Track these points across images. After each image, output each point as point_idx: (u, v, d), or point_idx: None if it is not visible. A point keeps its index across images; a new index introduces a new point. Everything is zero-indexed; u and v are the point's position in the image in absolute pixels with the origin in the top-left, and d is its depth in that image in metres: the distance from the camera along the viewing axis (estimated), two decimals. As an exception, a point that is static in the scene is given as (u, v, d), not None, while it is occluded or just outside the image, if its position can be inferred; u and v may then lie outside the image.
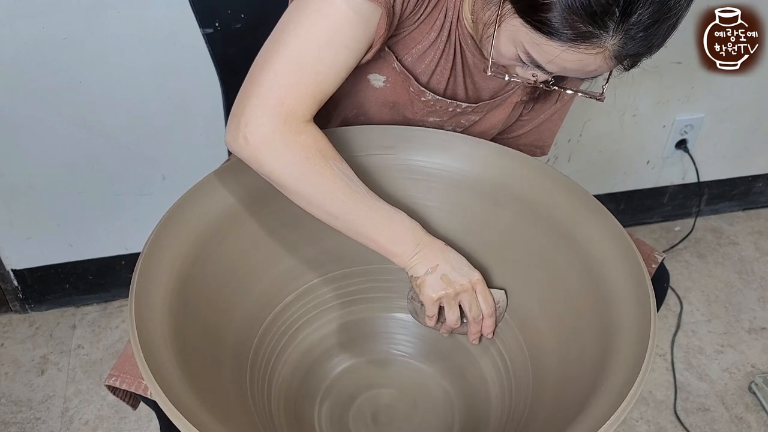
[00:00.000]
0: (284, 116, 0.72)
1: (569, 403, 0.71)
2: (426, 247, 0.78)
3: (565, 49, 0.68)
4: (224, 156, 1.10)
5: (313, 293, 0.93)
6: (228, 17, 0.96)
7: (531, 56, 0.71)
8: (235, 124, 0.73)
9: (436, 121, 0.92)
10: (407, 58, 0.83)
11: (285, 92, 0.72)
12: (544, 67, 0.72)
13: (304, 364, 0.91)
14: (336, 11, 0.72)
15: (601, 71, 0.72)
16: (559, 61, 0.69)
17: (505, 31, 0.72)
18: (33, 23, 1.15)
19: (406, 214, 0.79)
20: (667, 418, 1.42)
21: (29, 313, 1.59)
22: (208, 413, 0.62)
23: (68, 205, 1.42)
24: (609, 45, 0.67)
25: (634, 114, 1.63)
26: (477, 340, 0.84)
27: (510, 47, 0.73)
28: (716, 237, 1.88)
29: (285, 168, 0.74)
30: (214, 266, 0.79)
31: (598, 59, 0.68)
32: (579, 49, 0.67)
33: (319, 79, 0.74)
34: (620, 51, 0.68)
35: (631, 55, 0.69)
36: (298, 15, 0.73)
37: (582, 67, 0.70)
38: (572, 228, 0.82)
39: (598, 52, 0.68)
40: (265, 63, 0.73)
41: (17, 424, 1.37)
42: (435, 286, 0.78)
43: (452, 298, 0.79)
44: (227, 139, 0.75)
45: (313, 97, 0.74)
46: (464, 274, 0.79)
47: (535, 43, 0.69)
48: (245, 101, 0.73)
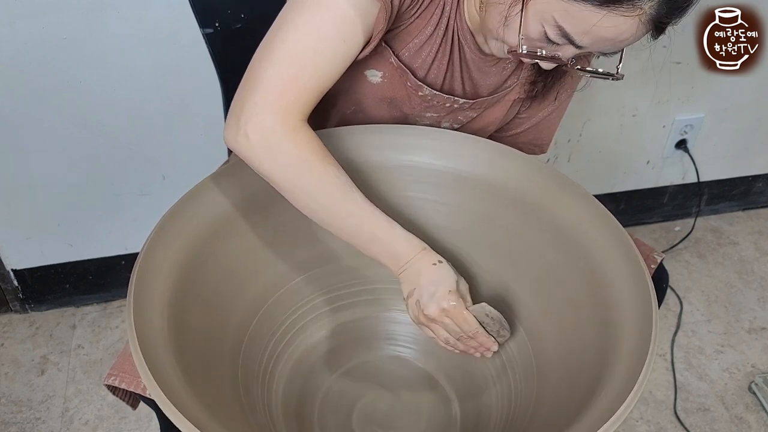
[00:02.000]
0: (283, 112, 0.72)
1: (570, 403, 0.71)
2: (410, 268, 0.77)
3: (605, 14, 0.67)
4: (224, 156, 1.10)
5: (312, 294, 0.92)
6: (228, 17, 0.96)
7: (563, 29, 0.70)
8: (235, 121, 0.73)
9: (433, 116, 0.92)
10: (404, 52, 0.83)
11: (284, 88, 0.72)
12: (576, 41, 0.71)
13: (303, 364, 0.91)
14: (334, 6, 0.72)
15: (632, 40, 0.71)
16: (595, 30, 0.68)
17: (531, 7, 0.71)
18: (33, 23, 1.15)
19: (401, 227, 0.77)
20: (667, 418, 1.42)
21: (29, 313, 1.59)
22: (206, 412, 0.62)
23: (68, 205, 1.42)
24: (647, 7, 0.67)
25: (634, 114, 1.63)
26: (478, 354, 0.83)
27: (536, 25, 0.72)
28: (716, 237, 1.88)
29: (282, 168, 0.74)
30: (212, 267, 0.79)
31: (634, 24, 0.68)
32: (618, 12, 0.67)
33: (317, 74, 0.73)
34: (656, 13, 0.67)
35: (665, 16, 0.68)
36: (296, 10, 0.73)
37: (617, 34, 0.69)
38: (572, 228, 0.82)
39: (635, 15, 0.67)
40: (263, 59, 0.73)
41: (17, 424, 1.37)
42: (413, 310, 0.79)
43: (428, 324, 0.79)
44: (226, 137, 0.75)
45: (311, 92, 0.74)
46: (436, 300, 0.76)
47: (568, 13, 0.69)
48: (244, 98, 0.73)
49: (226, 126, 0.75)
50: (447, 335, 0.79)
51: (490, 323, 0.79)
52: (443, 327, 0.78)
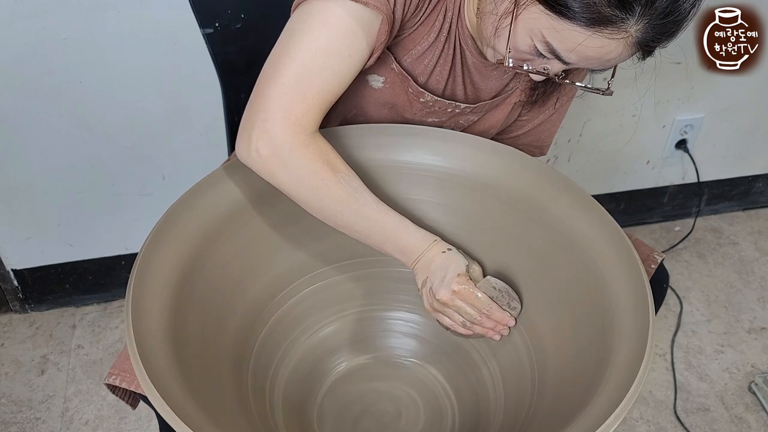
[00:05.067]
0: (293, 128, 0.74)
1: (569, 402, 0.71)
2: (423, 259, 0.80)
3: (590, 34, 0.67)
4: (224, 156, 1.10)
5: (311, 295, 0.92)
6: (228, 17, 0.96)
7: (550, 45, 0.71)
8: (246, 138, 0.75)
9: (435, 121, 0.92)
10: (406, 59, 0.83)
11: (293, 105, 0.74)
12: (563, 57, 0.72)
13: (304, 365, 0.91)
14: (338, 21, 0.73)
15: (619, 60, 0.72)
16: (581, 49, 0.69)
17: (521, 21, 0.72)
18: (33, 23, 1.15)
19: (413, 223, 0.80)
20: (667, 418, 1.42)
21: (29, 313, 1.59)
22: (204, 415, 0.62)
23: (68, 205, 1.42)
24: (633, 30, 0.67)
25: (633, 114, 1.63)
26: (497, 336, 0.84)
27: (526, 39, 0.73)
28: (716, 237, 1.88)
29: (295, 181, 0.76)
30: (211, 268, 0.79)
31: (620, 46, 0.68)
32: (603, 35, 0.67)
33: (324, 90, 0.75)
34: (642, 37, 0.68)
35: (652, 41, 0.69)
36: (301, 26, 0.74)
37: (603, 54, 0.70)
38: (571, 228, 0.82)
39: (621, 38, 0.68)
40: (271, 76, 0.74)
41: (17, 424, 1.37)
42: (427, 299, 0.82)
43: (442, 310, 0.81)
44: (239, 153, 0.77)
45: (319, 107, 0.75)
46: (447, 283, 0.79)
47: (555, 30, 0.69)
48: (254, 115, 0.74)
49: (237, 142, 0.77)
50: (462, 319, 0.81)
51: (499, 296, 0.81)
52: (457, 311, 0.80)
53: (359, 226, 0.78)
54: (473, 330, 0.82)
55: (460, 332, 0.83)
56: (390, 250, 0.80)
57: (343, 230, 0.79)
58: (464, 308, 0.79)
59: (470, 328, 0.82)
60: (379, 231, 0.79)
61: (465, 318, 0.80)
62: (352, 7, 0.72)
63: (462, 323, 0.81)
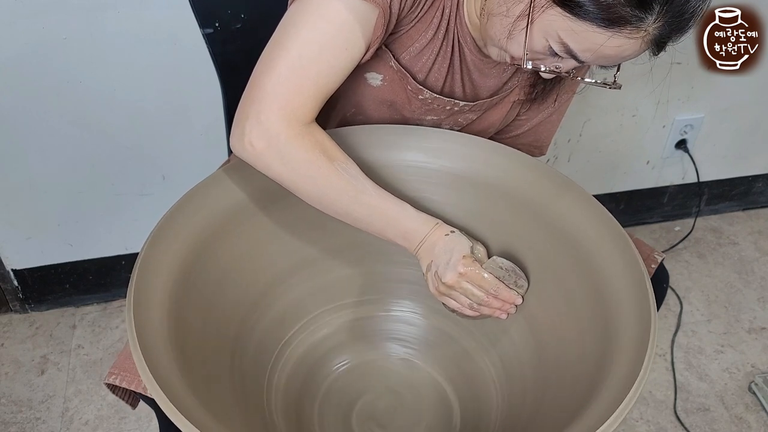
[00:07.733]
0: (288, 120, 0.73)
1: (569, 402, 0.71)
2: (426, 243, 0.79)
3: (610, 35, 0.67)
4: (224, 156, 1.10)
5: (311, 294, 0.93)
6: (228, 17, 0.96)
7: (567, 46, 0.71)
8: (240, 130, 0.74)
9: (433, 119, 0.92)
10: (404, 56, 0.83)
11: (288, 96, 0.73)
12: (579, 57, 0.72)
13: (304, 364, 0.91)
14: (335, 14, 0.72)
15: (633, 57, 0.72)
16: (599, 48, 0.69)
17: (537, 23, 0.71)
18: (33, 23, 1.15)
19: (413, 207, 0.80)
20: (667, 418, 1.42)
21: (29, 313, 1.59)
22: (206, 412, 0.62)
23: (68, 205, 1.42)
24: (651, 29, 0.67)
25: (633, 114, 1.63)
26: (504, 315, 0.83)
27: (541, 40, 0.72)
28: (716, 237, 1.88)
29: (291, 172, 0.75)
30: (212, 267, 0.79)
31: (637, 44, 0.69)
32: (623, 34, 0.67)
33: (320, 82, 0.74)
34: (659, 34, 0.68)
35: (667, 37, 0.69)
36: (297, 18, 0.74)
37: (620, 53, 0.70)
38: (571, 228, 0.82)
39: (639, 37, 0.68)
40: (266, 67, 0.74)
41: (17, 424, 1.37)
42: (432, 283, 0.81)
43: (448, 293, 0.81)
44: (232, 145, 0.76)
45: (314, 99, 0.75)
46: (452, 266, 0.78)
47: (573, 31, 0.69)
48: (249, 106, 0.74)
49: (231, 134, 0.76)
50: (470, 301, 0.80)
51: (506, 275, 0.80)
52: (463, 293, 0.80)
53: (359, 213, 0.78)
54: (480, 311, 0.82)
55: (467, 314, 0.82)
56: (392, 236, 0.80)
57: (343, 219, 0.79)
58: (471, 290, 0.79)
59: (477, 309, 0.81)
60: (380, 217, 0.78)
61: (472, 300, 0.80)
62: (349, 1, 0.72)
63: (469, 305, 0.81)
